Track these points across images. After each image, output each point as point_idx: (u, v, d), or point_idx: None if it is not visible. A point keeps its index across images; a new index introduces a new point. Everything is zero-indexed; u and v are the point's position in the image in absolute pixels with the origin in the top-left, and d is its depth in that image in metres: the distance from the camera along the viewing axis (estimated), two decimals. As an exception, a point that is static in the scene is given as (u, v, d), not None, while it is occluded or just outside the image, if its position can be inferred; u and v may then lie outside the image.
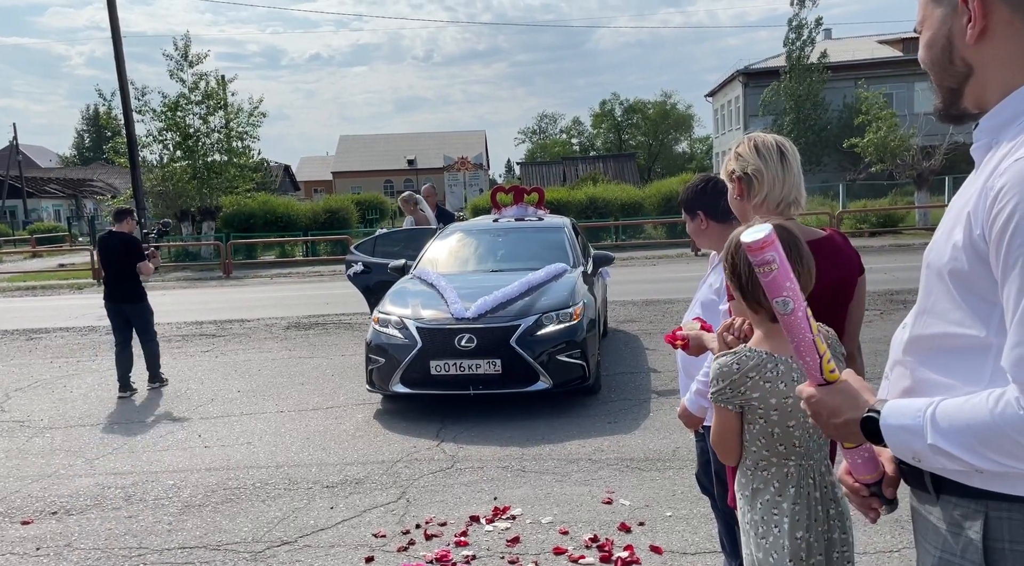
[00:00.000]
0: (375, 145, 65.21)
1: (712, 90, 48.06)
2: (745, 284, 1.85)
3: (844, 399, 1.33)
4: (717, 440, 1.96)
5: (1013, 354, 1.10)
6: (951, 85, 1.30)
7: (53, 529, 4.19)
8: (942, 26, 1.28)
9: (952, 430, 1.14)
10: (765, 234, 1.39)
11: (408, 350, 5.87)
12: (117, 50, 20.48)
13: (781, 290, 1.41)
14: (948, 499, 1.25)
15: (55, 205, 53.11)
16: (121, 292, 7.12)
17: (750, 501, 1.94)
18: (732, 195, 2.32)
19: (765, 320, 1.87)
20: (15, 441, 5.87)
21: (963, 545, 1.21)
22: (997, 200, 1.13)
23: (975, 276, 1.17)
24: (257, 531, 4.06)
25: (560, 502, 4.28)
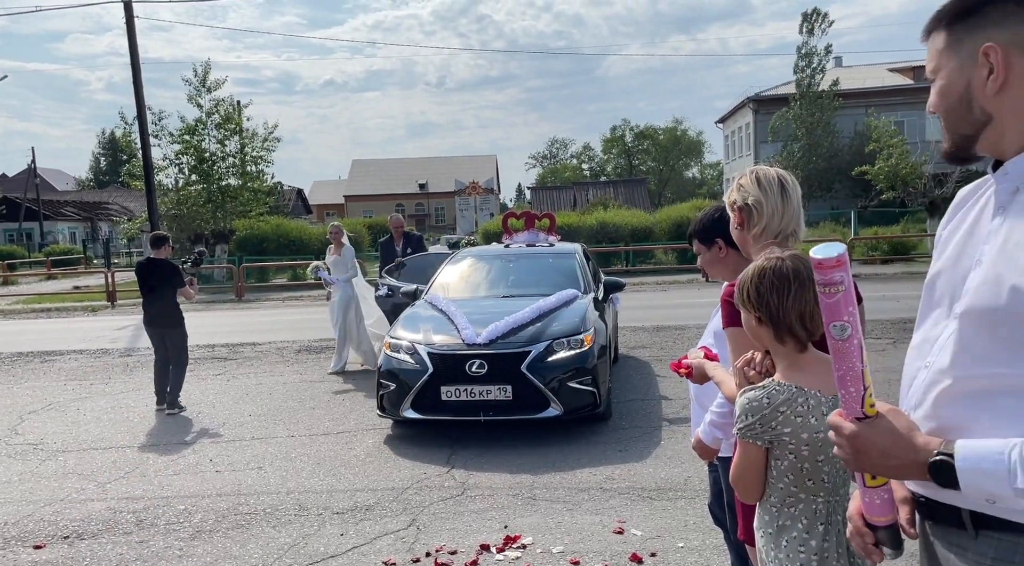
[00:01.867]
0: (387, 169, 65.76)
1: (722, 117, 48.29)
2: (776, 313, 1.83)
3: (896, 439, 1.29)
4: (739, 477, 1.92)
5: None
6: (967, 132, 1.34)
7: (65, 554, 4.20)
8: (959, 77, 1.32)
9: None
10: (839, 252, 1.33)
11: (419, 375, 5.88)
12: (135, 75, 20.85)
13: (843, 314, 1.35)
14: (989, 534, 1.24)
15: (71, 228, 53.71)
16: (162, 317, 7.32)
17: (774, 539, 1.90)
18: (732, 224, 2.37)
19: (792, 351, 1.86)
20: (28, 464, 5.90)
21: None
22: None
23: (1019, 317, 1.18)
24: (267, 558, 4.06)
25: (571, 531, 4.26)
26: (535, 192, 53.52)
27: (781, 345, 1.87)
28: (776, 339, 1.87)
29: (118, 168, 61.01)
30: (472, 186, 29.97)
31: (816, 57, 34.71)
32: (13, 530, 4.57)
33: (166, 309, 7.32)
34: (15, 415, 7.55)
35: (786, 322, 1.83)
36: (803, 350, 1.88)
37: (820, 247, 1.36)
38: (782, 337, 1.86)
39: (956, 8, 1.33)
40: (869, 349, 8.32)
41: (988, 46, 1.26)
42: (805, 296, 1.83)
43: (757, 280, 1.87)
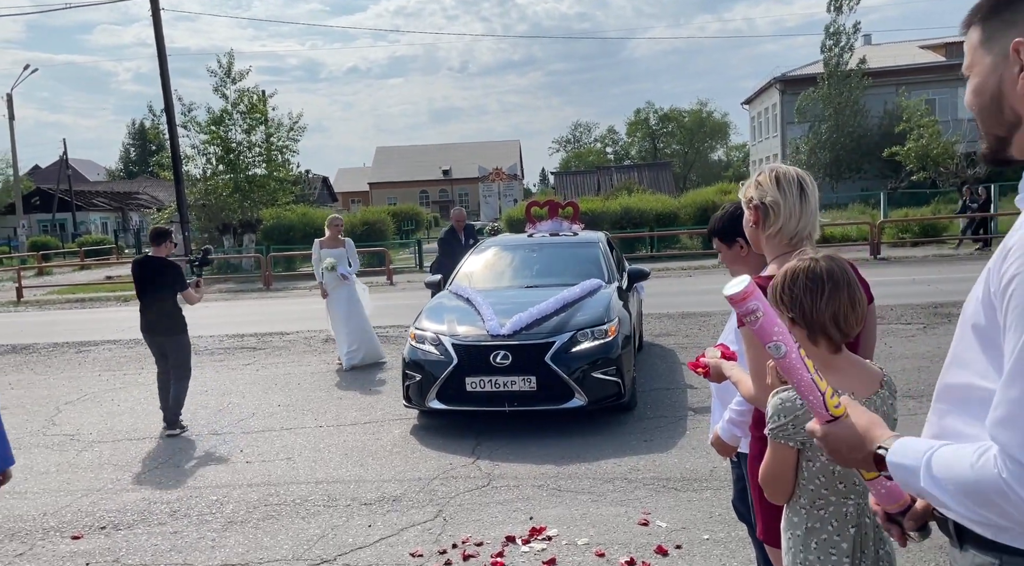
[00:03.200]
0: (411, 156, 65.90)
1: (749, 98, 47.63)
2: (809, 314, 1.82)
3: (855, 434, 1.37)
4: (770, 478, 1.93)
5: (995, 414, 1.11)
6: (999, 133, 1.30)
7: (102, 544, 4.32)
8: (992, 74, 1.28)
9: (940, 477, 1.16)
10: (745, 285, 1.45)
11: (444, 366, 5.93)
12: (162, 66, 21.09)
13: (771, 335, 1.45)
14: (969, 548, 1.25)
15: (103, 218, 54.63)
16: (159, 324, 6.43)
17: (803, 540, 1.91)
18: (747, 222, 2.35)
19: (825, 353, 1.86)
20: (65, 455, 6.06)
21: None
22: (1006, 258, 1.15)
23: (992, 331, 1.19)
24: (297, 549, 4.14)
25: (596, 523, 4.28)
26: (559, 177, 53.30)
27: (815, 346, 1.86)
28: (809, 340, 1.86)
29: (147, 158, 61.86)
30: (495, 172, 29.94)
31: (844, 35, 34.07)
32: (52, 520, 4.70)
33: (165, 315, 6.40)
34: (52, 406, 7.74)
35: (819, 323, 1.82)
36: (837, 351, 1.88)
37: (728, 285, 1.47)
38: (815, 338, 1.85)
39: (991, 2, 1.29)
40: (898, 334, 8.19)
41: (1018, 41, 1.21)
42: (839, 297, 1.83)
43: (790, 281, 1.86)
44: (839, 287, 1.84)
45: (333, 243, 8.80)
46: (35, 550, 4.27)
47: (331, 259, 8.62)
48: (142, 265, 6.57)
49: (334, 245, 8.78)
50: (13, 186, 41.48)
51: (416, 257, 21.89)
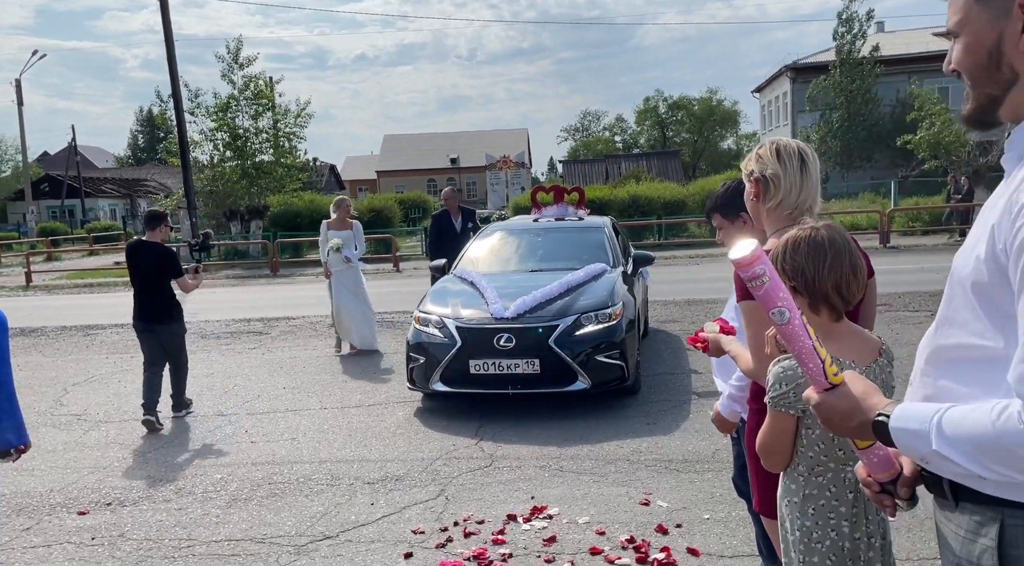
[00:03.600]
0: (419, 144, 65.79)
1: (759, 86, 47.27)
2: (812, 282, 1.82)
3: (853, 402, 1.35)
4: (768, 446, 1.93)
5: (1019, 369, 1.10)
6: (993, 92, 1.27)
7: (107, 520, 4.36)
8: (990, 30, 1.25)
9: (955, 438, 1.15)
10: (752, 248, 1.43)
11: (448, 349, 5.94)
12: (170, 53, 21.08)
13: (776, 301, 1.43)
14: (966, 506, 1.25)
15: (111, 204, 54.85)
16: (154, 312, 6.17)
17: (800, 507, 1.92)
18: (748, 195, 2.34)
19: (826, 321, 1.85)
20: (72, 434, 6.11)
21: (979, 551, 1.22)
22: (1020, 215, 1.13)
23: (996, 288, 1.17)
24: (300, 525, 4.17)
25: (597, 502, 4.29)
26: (567, 165, 53.16)
27: (816, 315, 1.85)
28: (811, 309, 1.85)
29: (155, 145, 62.00)
30: (503, 160, 29.89)
31: (857, 22, 33.73)
32: (59, 497, 4.75)
33: (160, 302, 6.16)
34: (59, 387, 7.80)
35: (822, 291, 1.82)
36: (838, 320, 1.87)
37: (734, 248, 1.44)
38: (817, 307, 1.85)
39: None
40: (906, 322, 8.17)
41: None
42: (841, 264, 1.82)
43: (792, 250, 1.85)
44: (841, 255, 1.83)
45: (341, 225, 8.69)
46: (42, 525, 4.32)
47: (337, 239, 8.48)
48: (136, 250, 6.26)
49: (341, 227, 8.67)
50: (22, 172, 41.66)
51: (423, 244, 21.91)
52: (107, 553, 3.94)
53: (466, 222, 9.22)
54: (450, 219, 9.30)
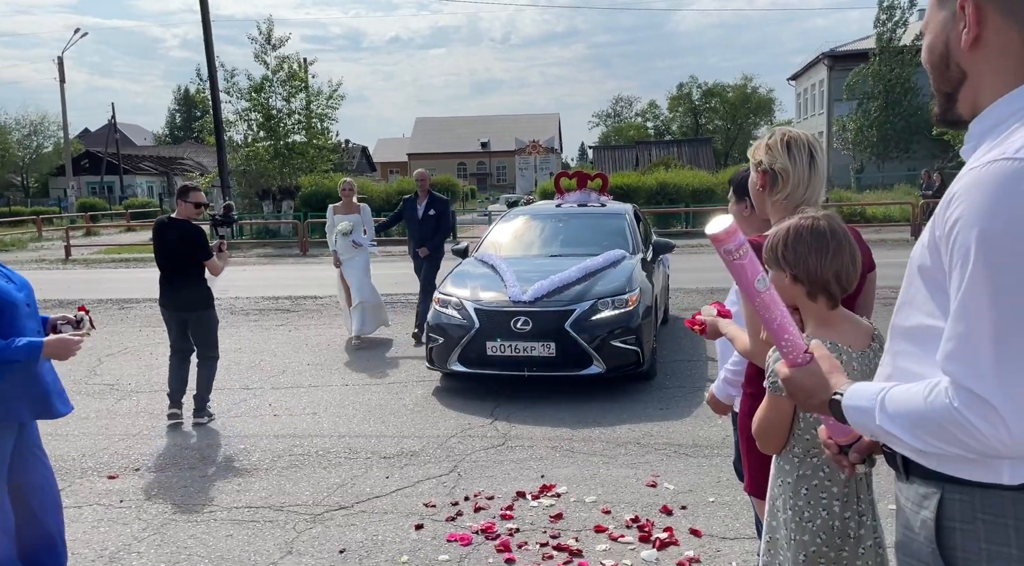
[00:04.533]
0: (450, 127, 65.88)
1: (795, 73, 46.50)
2: (813, 272, 1.87)
3: (818, 380, 1.44)
4: (764, 429, 1.99)
5: (945, 347, 1.17)
6: (947, 90, 1.34)
7: (135, 484, 4.57)
8: (942, 31, 1.32)
9: (895, 414, 1.24)
10: (729, 223, 1.49)
11: (466, 330, 6.06)
12: (207, 32, 21.38)
13: (757, 271, 1.50)
14: (915, 479, 1.33)
15: (148, 181, 55.88)
16: (181, 297, 5.60)
17: (793, 487, 1.99)
18: (754, 184, 2.38)
19: (823, 308, 1.91)
20: (105, 402, 6.36)
21: (920, 522, 1.30)
22: (950, 204, 1.20)
23: (938, 272, 1.24)
24: (317, 495, 4.33)
25: (605, 483, 4.39)
26: (597, 151, 52.90)
27: (813, 302, 1.91)
28: (808, 296, 1.91)
29: (192, 124, 62.97)
30: (532, 145, 29.87)
31: (899, 9, 32.98)
32: (90, 461, 4.98)
33: (189, 286, 5.59)
34: (94, 357, 8.08)
35: (822, 280, 1.87)
36: (834, 307, 1.93)
37: (711, 224, 1.50)
38: (815, 294, 1.90)
39: None
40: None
41: (963, 1, 1.26)
42: (842, 254, 1.88)
43: (793, 239, 1.89)
44: (842, 245, 1.89)
45: (348, 209, 8.39)
46: (73, 487, 4.54)
47: (346, 223, 8.22)
48: (163, 228, 5.66)
49: (349, 211, 8.38)
50: (63, 148, 42.57)
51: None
52: (134, 515, 4.14)
53: (429, 209, 8.44)
54: (414, 204, 8.56)
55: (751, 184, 2.44)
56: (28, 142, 51.37)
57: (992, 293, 1.12)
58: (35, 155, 51.30)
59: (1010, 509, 1.21)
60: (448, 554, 3.60)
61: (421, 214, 8.45)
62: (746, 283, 1.52)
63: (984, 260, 1.13)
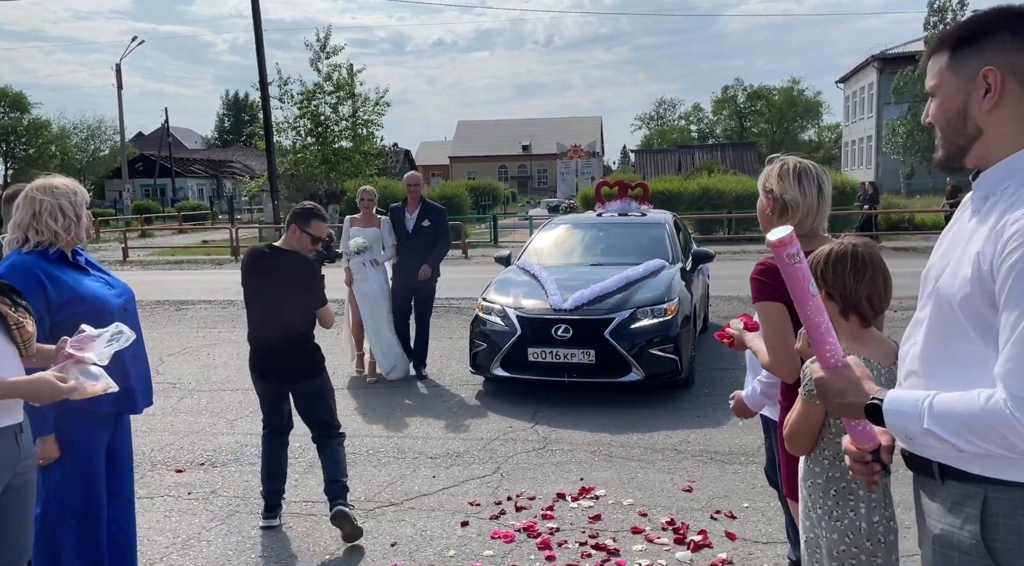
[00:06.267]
0: (491, 131, 66.32)
1: (844, 76, 45.78)
2: (850, 293, 2.06)
3: (849, 384, 1.61)
4: (796, 433, 2.16)
5: (1005, 367, 1.38)
6: (960, 144, 1.56)
7: (201, 478, 4.90)
8: (958, 94, 1.53)
9: (945, 417, 1.43)
10: (791, 231, 1.66)
11: (508, 337, 6.29)
12: (258, 39, 22.02)
13: (810, 276, 1.68)
14: (952, 483, 1.52)
15: (199, 184, 57.51)
16: (285, 360, 4.01)
17: (822, 488, 2.14)
18: (764, 209, 2.56)
19: (855, 326, 2.09)
20: (168, 401, 6.74)
21: (964, 518, 1.50)
22: (1007, 244, 1.40)
23: (979, 302, 1.44)
24: (369, 492, 4.60)
25: (642, 487, 4.57)
26: (639, 155, 52.76)
27: (844, 320, 2.11)
28: (841, 314, 2.10)
29: (240, 128, 64.67)
30: (574, 149, 30.02)
31: (950, 11, 32.28)
32: (159, 456, 5.34)
33: (294, 344, 4.02)
34: (156, 357, 8.52)
35: (855, 301, 2.07)
36: (867, 326, 2.12)
37: (772, 232, 1.66)
38: (847, 313, 2.09)
39: (961, 34, 1.54)
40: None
41: (988, 69, 1.47)
42: (876, 280, 2.08)
43: (835, 262, 2.09)
44: (877, 272, 2.10)
45: (366, 221, 7.12)
46: (145, 479, 4.89)
47: (361, 239, 6.86)
48: (263, 259, 4.06)
49: (368, 223, 7.10)
50: (120, 152, 44.08)
51: (491, 232, 22.35)
52: (202, 506, 4.46)
53: (422, 220, 7.09)
54: (403, 214, 7.17)
55: (760, 207, 2.63)
56: (86, 146, 53.37)
57: None
58: (92, 158, 53.27)
59: None
60: (492, 550, 3.82)
61: (412, 226, 7.09)
62: (801, 287, 1.67)
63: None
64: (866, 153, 42.60)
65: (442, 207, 7.52)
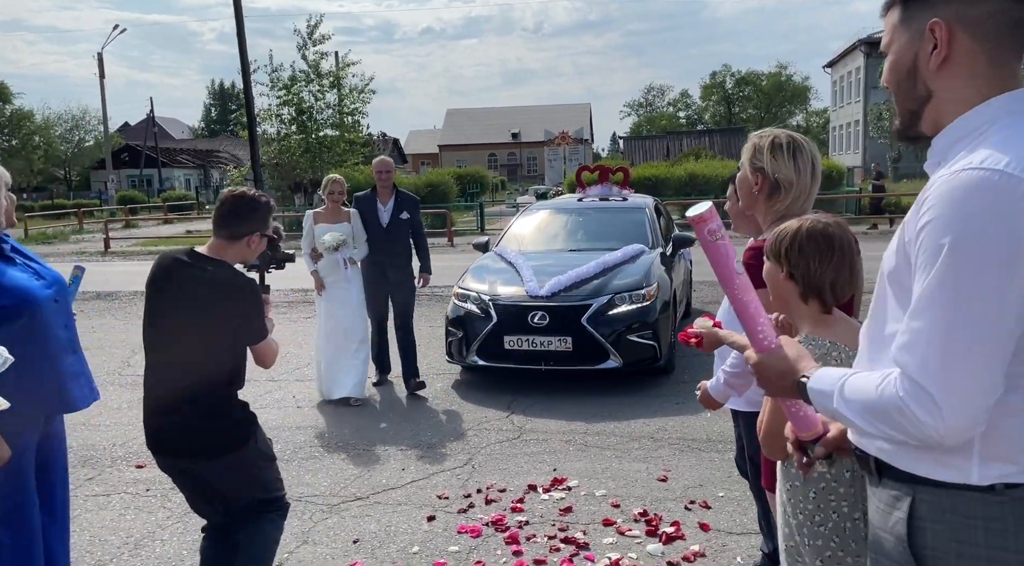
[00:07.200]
0: (481, 118, 65.95)
1: (831, 60, 45.66)
2: (813, 275, 1.90)
3: (788, 364, 1.49)
4: (771, 434, 2.00)
5: (900, 339, 1.24)
6: (912, 108, 1.39)
7: (161, 474, 4.70)
8: (908, 51, 1.37)
9: (851, 399, 1.31)
10: (710, 206, 1.54)
11: (484, 325, 6.14)
12: (239, 27, 21.68)
13: (734, 252, 1.55)
14: (887, 482, 1.38)
15: (186, 174, 56.99)
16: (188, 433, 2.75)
17: (801, 491, 2.00)
18: (749, 185, 2.38)
19: (815, 311, 1.94)
20: (136, 394, 6.51)
21: (893, 522, 1.36)
22: (921, 209, 1.26)
23: (904, 276, 1.30)
24: (335, 486, 4.46)
25: (616, 477, 4.45)
26: (627, 142, 52.61)
27: (804, 304, 1.95)
28: (801, 298, 1.94)
29: (227, 117, 64.15)
30: (561, 136, 29.83)
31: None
32: (120, 451, 5.17)
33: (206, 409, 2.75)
34: (128, 349, 8.34)
35: (817, 285, 1.91)
36: (828, 312, 1.96)
37: (692, 208, 1.54)
38: (807, 297, 1.93)
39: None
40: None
41: (934, 22, 1.31)
42: (843, 265, 1.91)
43: (801, 240, 1.92)
44: (845, 256, 1.92)
45: (335, 216, 6.01)
46: (103, 475, 4.73)
47: (335, 234, 5.86)
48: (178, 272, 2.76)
49: (336, 219, 5.99)
50: (104, 143, 43.56)
51: (478, 220, 22.17)
52: (159, 504, 4.31)
53: (399, 212, 6.17)
54: (374, 205, 6.18)
55: (744, 183, 2.46)
56: (70, 136, 52.72)
57: (952, 295, 1.19)
58: (77, 149, 52.66)
59: (979, 509, 1.26)
60: (458, 545, 3.69)
61: (387, 219, 6.12)
62: (727, 265, 1.54)
63: (949, 263, 1.19)
64: (854, 137, 42.56)
65: (417, 197, 6.67)
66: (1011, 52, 1.30)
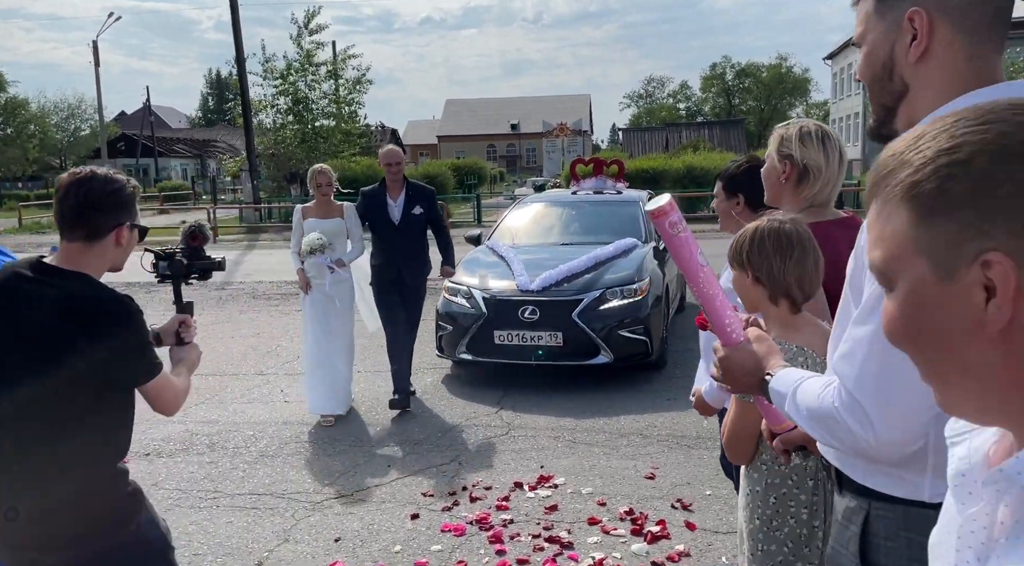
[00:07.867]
0: (480, 109, 65.73)
1: (831, 52, 45.46)
2: (777, 275, 1.86)
3: (755, 360, 1.44)
4: (735, 438, 1.95)
5: (840, 348, 1.21)
6: (887, 103, 1.31)
7: (144, 469, 4.69)
8: (884, 42, 1.28)
9: (800, 404, 1.27)
10: (669, 197, 1.49)
11: (474, 319, 6.08)
12: (235, 15, 21.56)
13: (697, 245, 1.49)
14: (846, 494, 1.34)
15: (183, 164, 56.85)
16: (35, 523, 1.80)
17: (762, 496, 1.96)
18: (777, 174, 2.29)
19: (785, 313, 1.89)
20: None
21: (848, 537, 1.32)
22: None
23: (859, 280, 1.25)
24: (319, 483, 4.41)
25: (604, 474, 4.40)
26: (626, 134, 52.43)
27: (774, 306, 1.91)
28: (770, 300, 1.90)
29: (224, 107, 63.83)
30: (560, 127, 29.69)
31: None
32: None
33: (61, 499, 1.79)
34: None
35: (785, 285, 1.86)
36: (797, 312, 1.92)
37: (651, 201, 1.48)
38: (776, 298, 1.89)
39: None
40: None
41: (913, 11, 1.22)
42: (806, 260, 1.87)
43: (760, 241, 1.89)
44: (807, 251, 1.88)
45: (325, 211, 5.45)
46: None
47: (316, 235, 5.28)
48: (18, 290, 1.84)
49: (327, 213, 5.45)
50: (99, 132, 43.36)
51: (475, 212, 22.10)
52: (141, 499, 4.25)
53: (411, 207, 5.59)
54: (384, 200, 5.64)
55: (772, 173, 2.35)
56: (66, 125, 52.49)
57: None
58: (73, 138, 52.43)
59: (932, 527, 1.20)
60: (441, 545, 3.65)
61: (400, 215, 5.57)
62: (691, 257, 1.48)
63: None
64: (853, 130, 42.42)
65: (431, 188, 6.06)
66: (990, 44, 1.22)
